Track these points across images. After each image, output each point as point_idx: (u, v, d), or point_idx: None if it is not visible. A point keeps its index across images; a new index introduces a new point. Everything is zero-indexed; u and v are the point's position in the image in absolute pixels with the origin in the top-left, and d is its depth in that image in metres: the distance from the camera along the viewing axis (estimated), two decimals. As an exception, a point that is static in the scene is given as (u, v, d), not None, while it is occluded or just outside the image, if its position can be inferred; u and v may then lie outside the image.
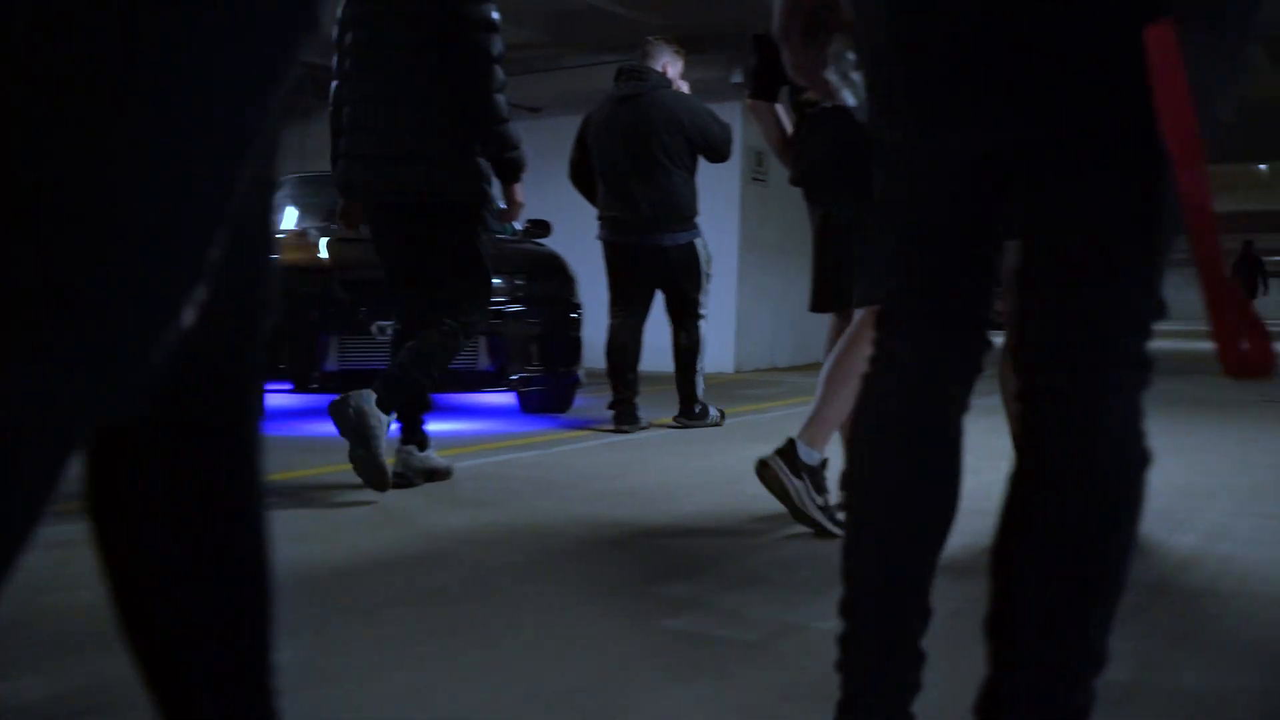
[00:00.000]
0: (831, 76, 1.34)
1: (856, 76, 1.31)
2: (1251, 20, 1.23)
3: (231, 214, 0.82)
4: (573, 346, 5.77)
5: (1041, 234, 1.22)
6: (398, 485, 3.64)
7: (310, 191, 6.91)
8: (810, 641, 2.05)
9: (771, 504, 3.40)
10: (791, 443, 2.99)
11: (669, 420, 5.68)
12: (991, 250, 1.29)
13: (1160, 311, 1.23)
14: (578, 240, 8.28)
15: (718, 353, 9.19)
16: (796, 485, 2.95)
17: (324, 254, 5.48)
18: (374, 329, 5.13)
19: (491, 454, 4.51)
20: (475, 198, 3.69)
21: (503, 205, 3.98)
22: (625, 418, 5.40)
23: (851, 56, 1.32)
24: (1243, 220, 26.79)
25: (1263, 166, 22.19)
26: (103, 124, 0.73)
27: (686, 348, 5.62)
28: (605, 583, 2.48)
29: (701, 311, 5.61)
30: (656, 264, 5.47)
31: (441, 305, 3.68)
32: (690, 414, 5.64)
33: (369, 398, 3.43)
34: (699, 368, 5.68)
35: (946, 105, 1.22)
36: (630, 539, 2.95)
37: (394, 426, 3.73)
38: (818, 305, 3.49)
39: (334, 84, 3.84)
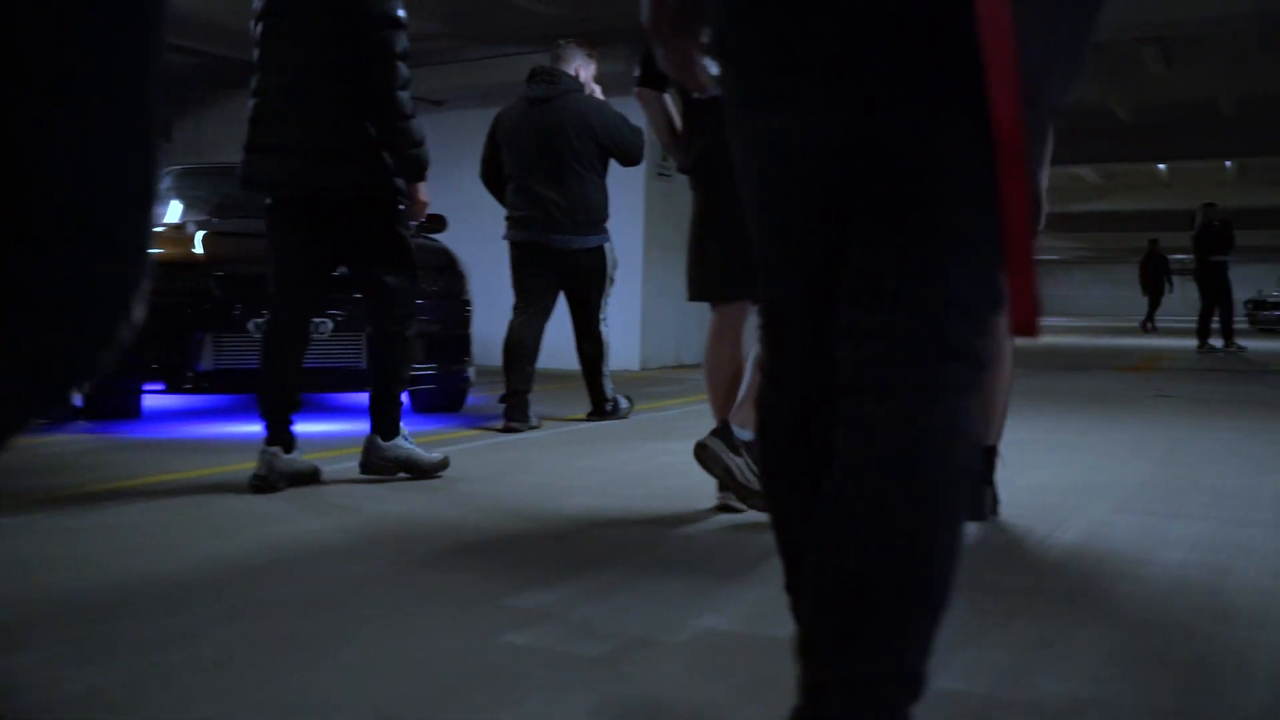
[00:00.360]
0: (706, 67, 1.27)
1: None
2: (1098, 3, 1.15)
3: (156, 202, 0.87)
4: (462, 344, 5.62)
5: (870, 219, 1.14)
6: (260, 489, 3.47)
7: (193, 184, 6.65)
8: (658, 657, 1.94)
9: (649, 506, 3.30)
10: (725, 423, 3.02)
11: (578, 417, 5.69)
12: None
13: (995, 304, 1.13)
14: (476, 235, 8.11)
15: (623, 350, 9.08)
16: (737, 462, 2.98)
17: (199, 249, 5.24)
18: (251, 326, 4.91)
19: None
20: (385, 191, 3.63)
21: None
22: (516, 413, 5.26)
23: None
24: (1146, 220, 27.46)
25: (1162, 166, 22.73)
26: (47, 126, 0.77)
27: (591, 355, 5.60)
28: (455, 594, 2.34)
29: (601, 316, 5.58)
30: (564, 266, 5.42)
31: (382, 300, 3.71)
32: (602, 412, 5.67)
33: (378, 442, 3.74)
34: (605, 370, 5.68)
35: (792, 89, 1.16)
36: (494, 545, 2.81)
37: (259, 426, 3.60)
38: (696, 295, 3.43)
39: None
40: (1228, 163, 21.77)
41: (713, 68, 1.28)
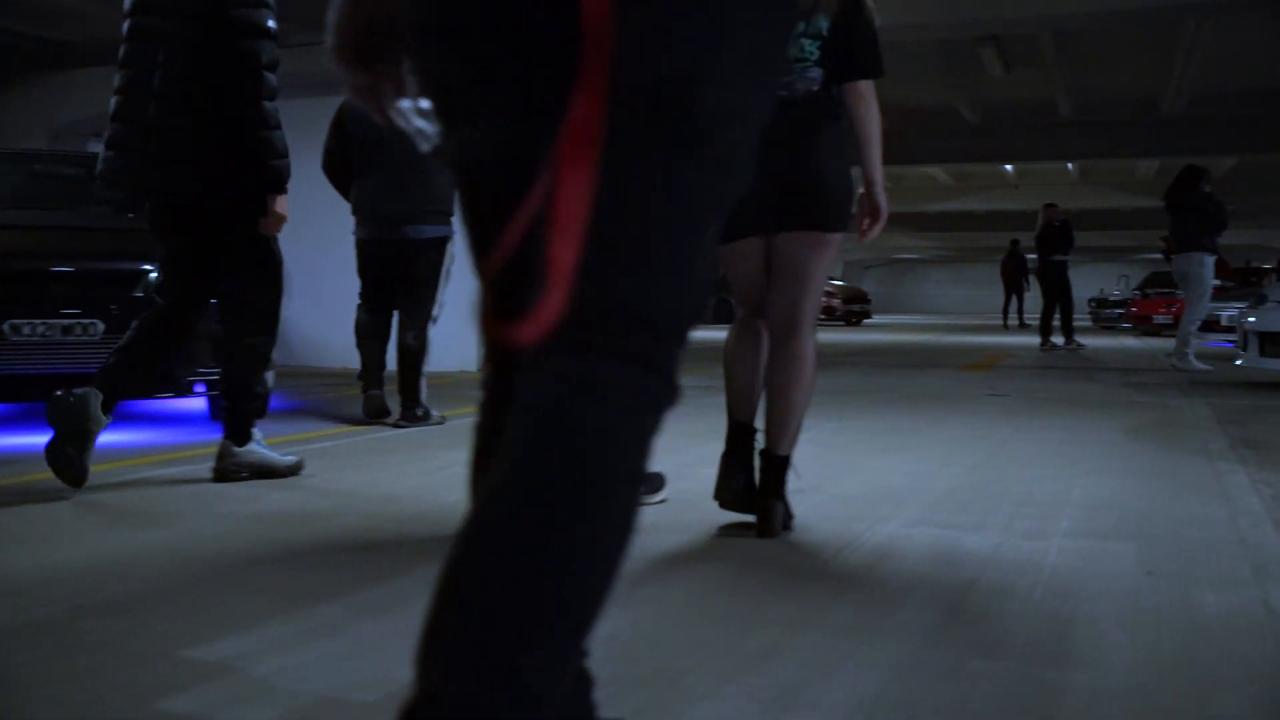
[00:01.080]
0: (402, 106, 1.15)
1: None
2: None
3: None
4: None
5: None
6: (49, 405, 3.35)
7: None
8: (333, 723, 1.64)
9: (413, 529, 3.01)
10: None
11: (387, 423, 5.43)
12: None
13: (690, 309, 0.99)
14: (307, 231, 7.66)
15: (461, 350, 8.75)
16: None
17: (-52, 241, 4.73)
18: (6, 328, 4.44)
19: (136, 469, 3.92)
20: (248, 200, 3.61)
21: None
22: (371, 381, 5.48)
23: None
24: (998, 220, 28.19)
25: (1009, 168, 23.30)
26: None
27: (413, 349, 5.41)
28: (134, 644, 1.99)
29: (435, 314, 5.44)
30: (407, 256, 5.32)
31: (235, 310, 3.71)
32: (413, 416, 5.42)
33: (231, 448, 3.69)
34: (423, 371, 5.45)
35: (455, 102, 1.11)
36: (206, 580, 2.46)
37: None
38: None
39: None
40: (1069, 164, 22.44)
41: (403, 104, 1.18)
